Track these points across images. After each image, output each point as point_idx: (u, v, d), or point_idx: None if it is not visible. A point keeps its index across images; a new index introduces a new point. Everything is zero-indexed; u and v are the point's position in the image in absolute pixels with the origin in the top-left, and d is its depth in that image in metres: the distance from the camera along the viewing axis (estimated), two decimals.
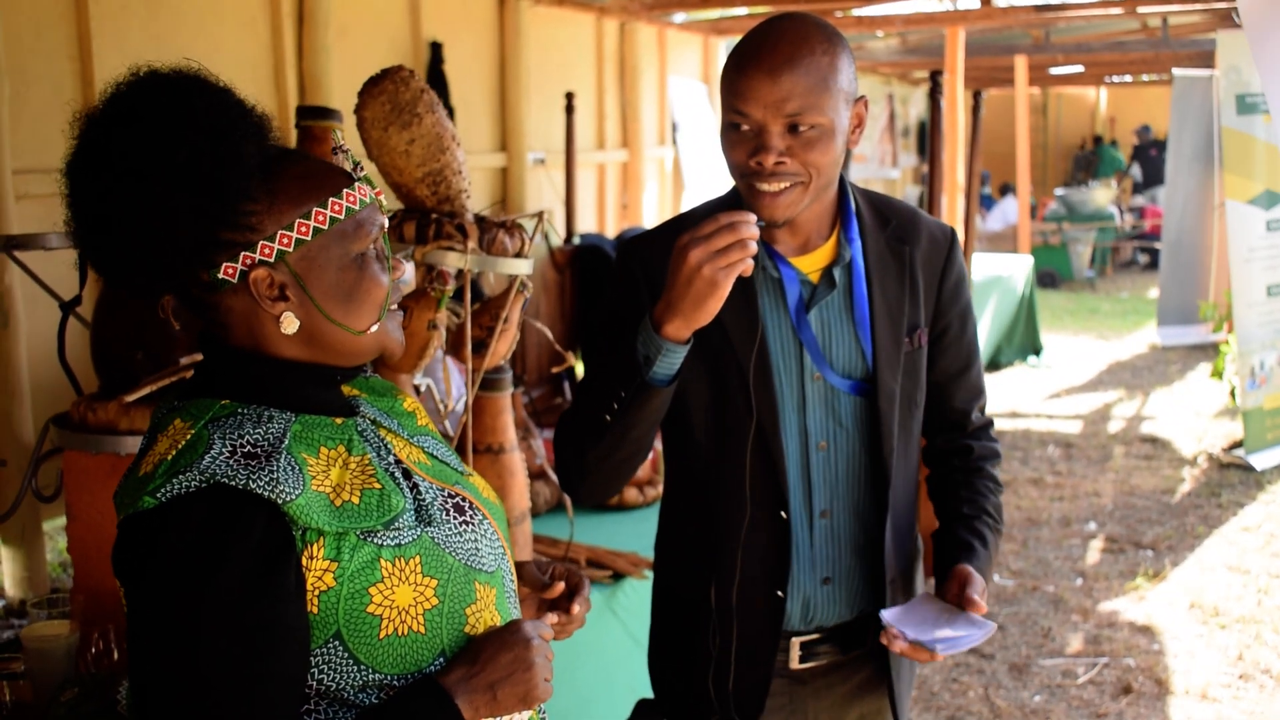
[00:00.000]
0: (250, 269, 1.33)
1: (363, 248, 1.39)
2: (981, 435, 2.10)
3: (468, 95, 6.52)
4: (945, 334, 2.01)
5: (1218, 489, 6.65)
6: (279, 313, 1.35)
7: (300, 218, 1.34)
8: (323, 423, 1.39)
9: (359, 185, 1.40)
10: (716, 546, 1.96)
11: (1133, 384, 9.45)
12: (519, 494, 2.69)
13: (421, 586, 1.36)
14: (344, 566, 1.31)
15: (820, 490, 1.94)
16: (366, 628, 1.33)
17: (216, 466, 1.26)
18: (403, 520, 1.37)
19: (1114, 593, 5.25)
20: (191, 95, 1.31)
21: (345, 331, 1.39)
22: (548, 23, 7.32)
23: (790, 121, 1.74)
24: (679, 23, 8.89)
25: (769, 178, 1.76)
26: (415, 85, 2.29)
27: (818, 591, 1.97)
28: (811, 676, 2.03)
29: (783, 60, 1.73)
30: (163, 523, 1.24)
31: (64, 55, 4.24)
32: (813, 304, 1.90)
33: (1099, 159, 19.91)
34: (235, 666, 1.23)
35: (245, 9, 5.10)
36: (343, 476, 1.35)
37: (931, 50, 11.14)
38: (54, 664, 2.16)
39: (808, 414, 1.92)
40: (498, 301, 2.45)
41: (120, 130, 1.29)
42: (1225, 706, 4.20)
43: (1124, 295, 14.59)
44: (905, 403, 1.96)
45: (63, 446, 2.31)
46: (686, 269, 1.65)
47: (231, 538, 1.24)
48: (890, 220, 1.97)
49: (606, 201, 8.27)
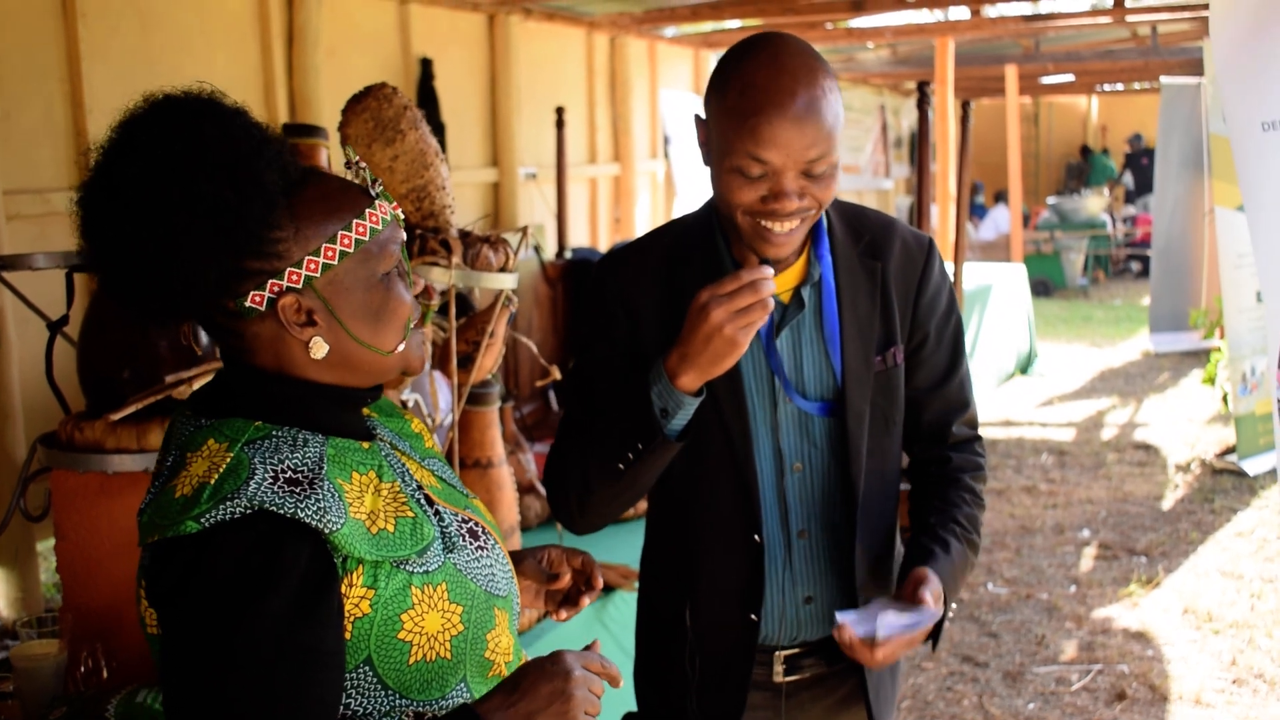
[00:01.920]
0: (278, 296, 1.32)
1: (388, 267, 1.39)
2: (963, 448, 2.04)
3: (458, 111, 6.54)
4: (923, 346, 1.97)
5: (1210, 495, 6.67)
6: (308, 338, 1.35)
7: (326, 242, 1.33)
8: (352, 447, 1.39)
9: (379, 203, 1.39)
10: (691, 568, 1.96)
11: (1125, 391, 9.47)
12: (507, 508, 2.70)
13: (449, 613, 1.37)
14: (380, 594, 1.32)
15: (797, 511, 1.92)
16: (397, 654, 1.34)
17: (263, 494, 1.25)
18: (432, 548, 1.38)
19: (1108, 599, 5.26)
20: (206, 122, 1.29)
21: (373, 353, 1.38)
22: (538, 37, 7.34)
23: (808, 167, 1.71)
24: (670, 36, 8.92)
25: (784, 219, 1.73)
26: (398, 102, 2.30)
27: (801, 611, 1.95)
28: (796, 690, 2.02)
29: (804, 107, 1.68)
30: (209, 549, 1.24)
31: (54, 77, 4.25)
32: (783, 325, 1.88)
33: (1091, 168, 19.96)
34: (279, 693, 1.23)
35: (235, 29, 5.12)
36: (375, 504, 1.35)
37: (922, 61, 11.18)
38: (43, 683, 2.17)
39: (781, 436, 1.90)
40: (483, 316, 2.46)
41: (137, 162, 1.27)
42: (1219, 712, 4.21)
43: (1117, 303, 14.62)
44: (879, 421, 1.93)
45: (50, 466, 2.32)
46: (708, 327, 1.64)
47: (279, 566, 1.24)
48: (864, 234, 1.94)
49: (599, 215, 8.28)
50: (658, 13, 7.57)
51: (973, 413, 2.06)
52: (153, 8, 4.65)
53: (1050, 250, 15.20)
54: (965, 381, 2.04)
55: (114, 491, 2.26)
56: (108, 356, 2.30)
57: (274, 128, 1.38)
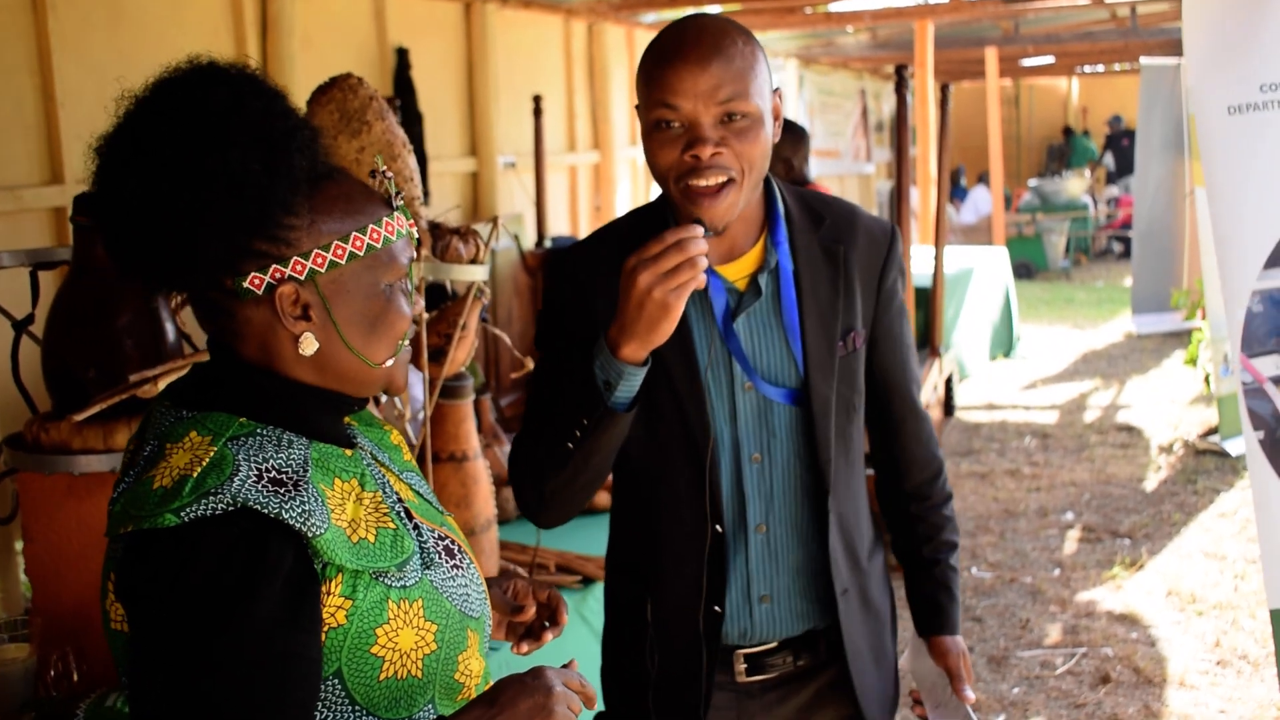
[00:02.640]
0: (279, 283, 1.29)
1: (394, 279, 1.36)
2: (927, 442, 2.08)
3: (436, 100, 6.50)
4: (887, 334, 1.97)
5: (1193, 476, 6.68)
6: (300, 332, 1.31)
7: (338, 240, 1.31)
8: (335, 453, 1.36)
9: (398, 215, 1.37)
10: (652, 560, 1.94)
11: (1108, 373, 9.49)
12: (483, 501, 2.67)
13: (423, 631, 1.34)
14: (356, 605, 1.29)
15: (755, 504, 1.89)
16: (368, 668, 1.31)
17: (247, 491, 1.22)
18: (411, 563, 1.35)
19: (1091, 582, 5.26)
20: (248, 95, 1.27)
21: (361, 362, 1.35)
22: (515, 25, 7.30)
23: (723, 111, 1.69)
24: (648, 23, 8.88)
25: (705, 171, 1.70)
26: (364, 93, 2.27)
27: (756, 609, 1.92)
28: (761, 690, 1.98)
29: (709, 49, 1.69)
30: (189, 544, 1.20)
31: (24, 70, 4.20)
32: (739, 312, 1.85)
33: (1071, 150, 19.99)
34: (260, 699, 1.20)
35: (208, 19, 5.07)
36: (357, 512, 1.32)
37: (902, 44, 11.17)
38: (12, 687, 2.14)
39: (739, 426, 1.87)
40: (455, 309, 2.44)
41: (170, 120, 1.25)
42: (1203, 693, 4.21)
43: (1099, 284, 14.65)
44: (842, 409, 1.90)
45: (16, 468, 2.28)
46: (636, 293, 1.61)
47: (263, 567, 1.21)
48: (824, 219, 1.92)
49: (579, 203, 8.25)
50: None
51: (919, 387, 2.09)
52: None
53: (1032, 233, 15.22)
54: (913, 352, 2.06)
55: (81, 493, 2.23)
56: (73, 356, 2.26)
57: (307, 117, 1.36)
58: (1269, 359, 2.66)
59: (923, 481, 2.08)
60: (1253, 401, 2.65)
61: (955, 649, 2.04)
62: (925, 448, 2.08)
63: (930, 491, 2.08)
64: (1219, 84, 2.62)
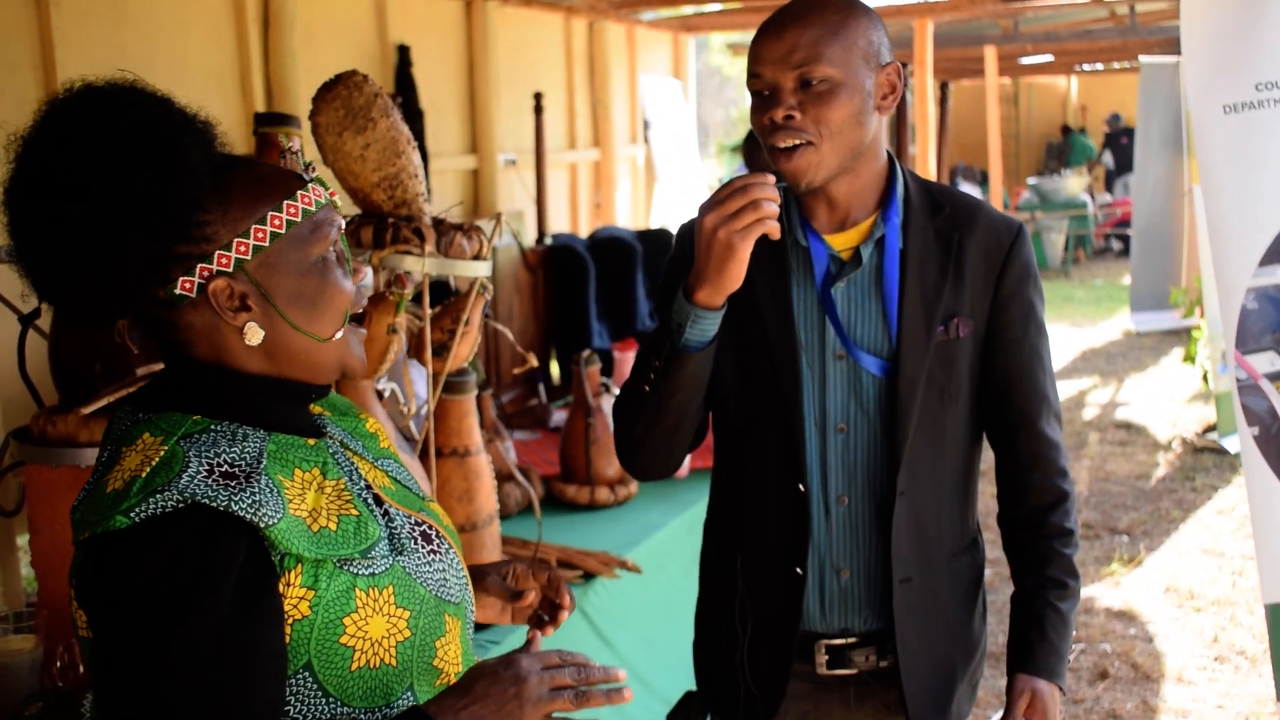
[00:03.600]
0: (208, 281, 1.28)
1: (323, 250, 1.35)
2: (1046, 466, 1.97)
3: (437, 98, 6.51)
4: (1006, 331, 1.92)
5: (1192, 473, 6.69)
6: (242, 323, 1.30)
7: (256, 223, 1.29)
8: (296, 443, 1.35)
9: (313, 186, 1.35)
10: (741, 520, 1.98)
11: (1107, 370, 9.51)
12: (485, 496, 2.69)
13: (394, 618, 1.33)
14: (320, 595, 1.27)
15: (837, 474, 1.89)
16: (339, 659, 1.30)
17: (196, 486, 1.21)
18: (378, 549, 1.34)
19: (1090, 578, 5.28)
20: (128, 107, 1.26)
21: (311, 339, 1.34)
22: (516, 23, 7.30)
23: (800, 75, 1.76)
24: (648, 20, 8.89)
25: (780, 133, 1.77)
26: (369, 90, 2.29)
27: (834, 581, 1.92)
28: (841, 685, 1.97)
29: (790, 17, 1.78)
30: (139, 544, 1.19)
31: (27, 65, 4.22)
32: (839, 279, 1.87)
33: (1070, 148, 19.97)
34: (221, 696, 1.19)
35: (210, 15, 5.08)
36: (319, 501, 1.31)
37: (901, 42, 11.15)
38: (18, 678, 2.16)
39: (827, 394, 1.88)
40: (458, 304, 2.45)
41: (58, 150, 1.24)
42: (1201, 688, 4.23)
43: (1098, 282, 14.66)
44: (934, 391, 1.87)
45: (23, 460, 2.30)
46: (704, 235, 1.69)
47: (216, 562, 1.20)
48: (944, 208, 1.92)
49: (579, 201, 8.26)
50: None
51: (1056, 408, 1.98)
52: None
53: (1031, 231, 15.20)
54: (1051, 378, 1.98)
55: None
56: (79, 350, 2.28)
57: (203, 112, 1.35)
58: (1264, 355, 2.68)
59: (1036, 509, 1.96)
60: (1248, 398, 2.67)
61: (1023, 685, 1.87)
62: (1043, 472, 1.96)
63: (1043, 520, 1.95)
64: (1215, 83, 2.63)
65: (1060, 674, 1.89)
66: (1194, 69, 2.66)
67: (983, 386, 1.94)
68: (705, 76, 20.97)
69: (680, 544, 3.57)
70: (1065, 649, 1.92)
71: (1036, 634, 1.90)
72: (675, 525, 3.61)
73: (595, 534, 3.47)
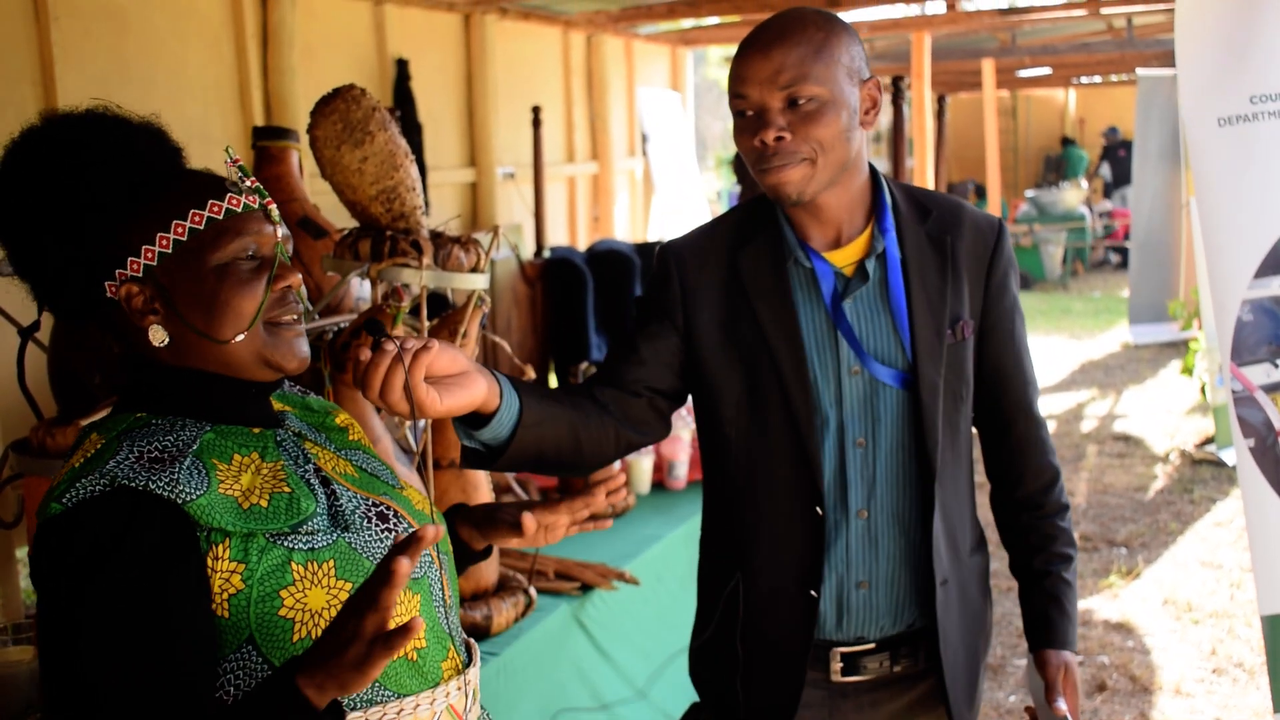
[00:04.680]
0: (122, 284, 1.39)
1: (224, 258, 1.40)
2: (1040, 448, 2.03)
3: (435, 111, 6.53)
4: (997, 328, 1.96)
5: (1190, 485, 6.70)
6: (146, 325, 1.39)
7: (160, 231, 1.38)
8: (238, 431, 1.42)
9: (230, 196, 1.41)
10: (748, 541, 1.94)
11: (1105, 383, 9.51)
12: None
13: (335, 590, 1.36)
14: (251, 569, 1.32)
15: (857, 489, 1.89)
16: (279, 631, 1.33)
17: (119, 470, 1.28)
18: (314, 524, 1.37)
19: (1088, 591, 5.28)
20: (43, 131, 1.41)
21: (210, 341, 1.40)
22: (514, 37, 7.33)
23: (788, 95, 1.75)
24: (646, 34, 8.92)
25: (772, 155, 1.76)
26: (366, 103, 2.30)
27: (854, 595, 1.91)
28: (856, 691, 1.97)
29: (774, 37, 1.76)
30: (68, 525, 1.26)
31: (26, 80, 4.24)
32: (846, 296, 1.87)
33: (1065, 161, 20.02)
34: (125, 664, 1.24)
35: (209, 30, 5.10)
36: (253, 481, 1.37)
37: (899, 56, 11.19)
38: (16, 690, 2.16)
39: (845, 409, 1.87)
40: (455, 317, 2.46)
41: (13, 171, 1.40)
42: (1199, 701, 4.23)
43: (1096, 295, 14.68)
44: (950, 396, 1.90)
45: (23, 472, 2.31)
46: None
47: (129, 536, 1.26)
48: (931, 211, 1.94)
49: (577, 214, 8.28)
50: (634, 10, 7.57)
51: (1037, 387, 2.05)
52: (125, 10, 4.63)
53: (1029, 243, 15.24)
54: (1030, 355, 2.04)
55: None
56: (79, 362, 2.29)
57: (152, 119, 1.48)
58: (1259, 367, 2.69)
59: (1036, 490, 2.03)
60: (1243, 410, 2.68)
61: (1056, 660, 1.96)
62: (1039, 454, 2.03)
63: (1044, 500, 2.03)
64: (1210, 95, 2.65)
65: (1075, 641, 2.01)
66: (1188, 82, 2.67)
67: (977, 379, 1.97)
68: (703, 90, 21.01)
69: (678, 556, 3.57)
70: (1077, 617, 2.03)
71: (1056, 610, 1.99)
72: (673, 537, 3.62)
73: (593, 546, 3.47)
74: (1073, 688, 1.94)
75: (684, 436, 4.04)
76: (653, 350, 1.91)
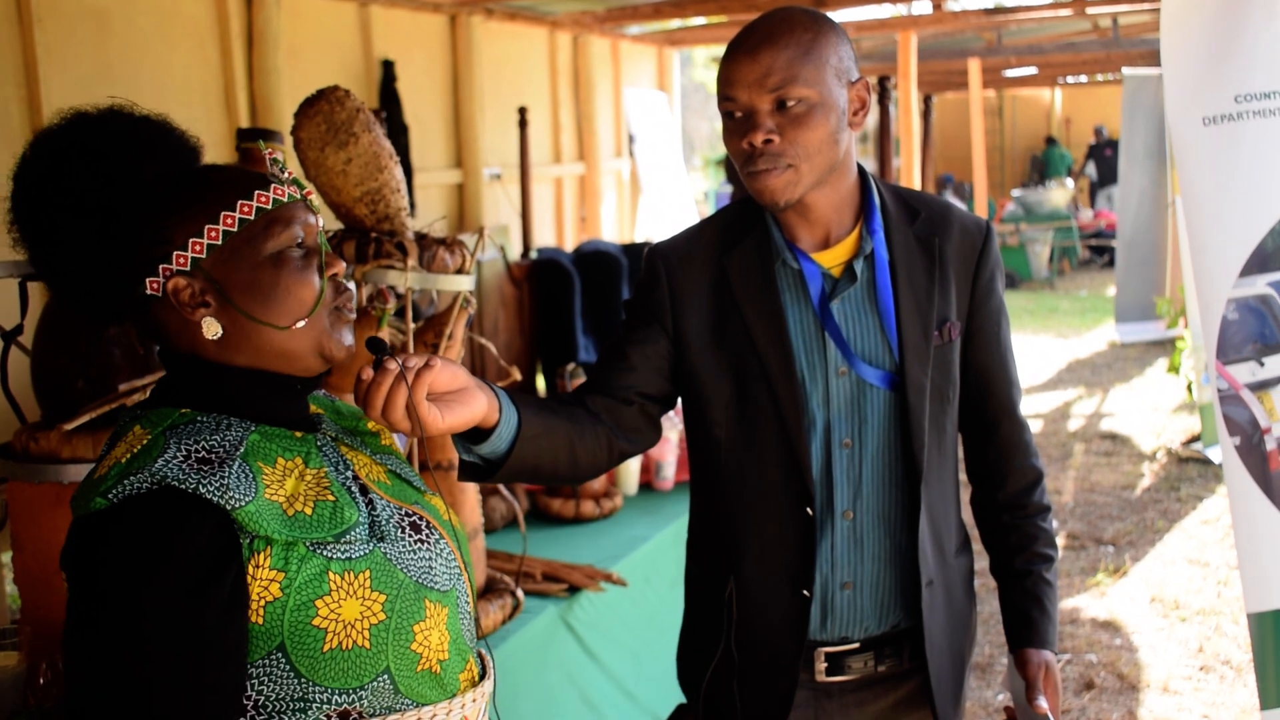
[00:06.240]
0: (169, 279, 1.37)
1: (277, 246, 1.40)
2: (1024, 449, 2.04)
3: (421, 112, 6.52)
4: (983, 329, 1.97)
5: (1177, 483, 6.72)
6: (199, 318, 1.38)
7: (209, 223, 1.38)
8: (281, 434, 1.41)
9: (275, 186, 1.42)
10: (737, 544, 1.94)
11: (1092, 381, 9.54)
12: (470, 510, 2.69)
13: (369, 601, 1.36)
14: (291, 577, 1.31)
15: (843, 490, 1.89)
16: (311, 640, 1.33)
17: (168, 469, 1.27)
18: (355, 534, 1.37)
19: (1075, 589, 5.29)
20: (75, 128, 1.40)
21: (270, 329, 1.39)
22: (500, 38, 7.32)
23: (776, 98, 1.75)
24: (633, 34, 8.91)
25: (759, 158, 1.76)
26: (351, 105, 2.29)
27: (838, 596, 1.92)
28: (840, 691, 1.97)
29: (762, 39, 1.76)
30: (112, 522, 1.26)
31: (10, 83, 4.22)
32: (834, 297, 1.87)
33: (1046, 161, 20.08)
34: (169, 668, 1.24)
35: (194, 31, 5.08)
36: (297, 488, 1.36)
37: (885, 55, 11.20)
38: (1, 695, 2.15)
39: (832, 410, 1.87)
40: (441, 319, 2.45)
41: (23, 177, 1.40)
42: (1187, 698, 4.24)
43: (1082, 294, 14.71)
44: (936, 397, 1.91)
45: (5, 477, 2.29)
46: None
47: (174, 542, 1.26)
48: (919, 212, 1.94)
49: (564, 215, 8.27)
50: (620, 11, 7.56)
51: (1020, 394, 2.06)
52: (109, 11, 4.61)
53: (1015, 243, 15.28)
54: (1014, 356, 2.05)
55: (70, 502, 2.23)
56: (62, 366, 2.28)
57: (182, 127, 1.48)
58: (1244, 366, 2.69)
59: (1018, 491, 2.04)
60: (1229, 408, 2.68)
61: (1037, 660, 1.96)
62: (1022, 455, 2.04)
63: (1026, 501, 2.04)
64: (1195, 95, 2.65)
65: (1056, 641, 2.01)
66: (1174, 81, 2.67)
67: (963, 381, 1.98)
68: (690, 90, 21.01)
69: (666, 557, 3.57)
70: (1057, 616, 2.04)
71: (1037, 610, 2.00)
72: (660, 538, 3.61)
73: (580, 547, 3.46)
74: (1053, 687, 1.94)
75: (671, 438, 4.04)
76: (642, 355, 1.91)
